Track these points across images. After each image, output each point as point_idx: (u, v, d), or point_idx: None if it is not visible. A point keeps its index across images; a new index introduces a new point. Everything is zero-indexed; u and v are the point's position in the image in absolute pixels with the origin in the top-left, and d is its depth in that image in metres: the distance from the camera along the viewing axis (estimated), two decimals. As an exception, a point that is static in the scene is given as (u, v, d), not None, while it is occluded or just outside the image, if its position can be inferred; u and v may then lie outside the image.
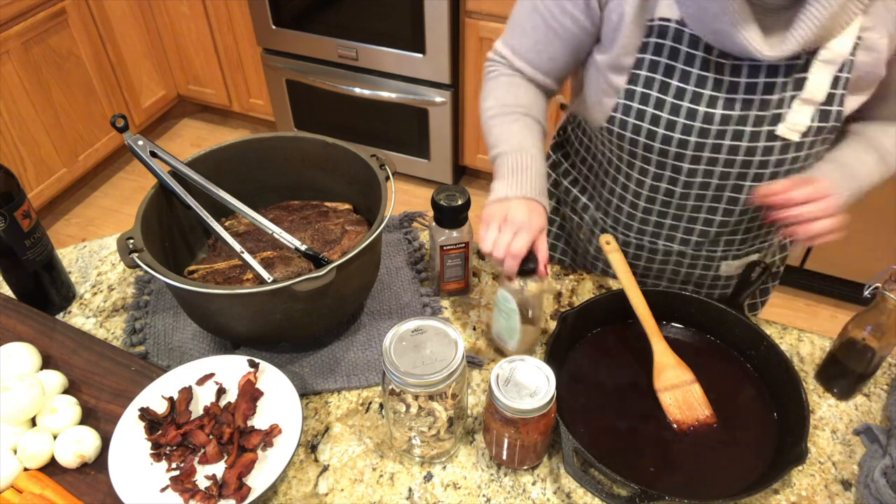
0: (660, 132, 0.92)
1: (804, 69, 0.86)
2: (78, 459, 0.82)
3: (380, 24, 2.41)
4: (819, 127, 0.89)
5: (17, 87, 2.36)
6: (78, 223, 2.78)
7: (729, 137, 0.90)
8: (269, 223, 1.00)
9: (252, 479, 0.80)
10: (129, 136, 0.98)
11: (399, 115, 2.63)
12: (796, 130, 0.89)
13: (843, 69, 0.85)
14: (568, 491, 0.83)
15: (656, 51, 0.89)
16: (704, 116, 0.90)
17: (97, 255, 1.15)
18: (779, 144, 0.90)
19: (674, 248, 1.06)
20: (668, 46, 0.88)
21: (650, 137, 0.93)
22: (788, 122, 0.88)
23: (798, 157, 0.92)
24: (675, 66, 0.89)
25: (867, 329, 0.87)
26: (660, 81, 0.90)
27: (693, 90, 0.89)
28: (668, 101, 0.90)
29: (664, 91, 0.90)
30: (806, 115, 0.88)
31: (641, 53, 0.90)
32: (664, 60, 0.89)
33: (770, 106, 0.88)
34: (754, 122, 0.89)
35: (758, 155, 0.91)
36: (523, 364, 0.80)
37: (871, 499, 0.79)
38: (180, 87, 3.07)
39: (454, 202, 0.96)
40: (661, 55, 0.89)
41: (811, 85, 0.86)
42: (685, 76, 0.89)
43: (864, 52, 0.85)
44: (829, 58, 0.85)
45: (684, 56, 0.88)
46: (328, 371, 0.95)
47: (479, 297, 1.07)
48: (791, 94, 0.87)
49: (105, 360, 0.95)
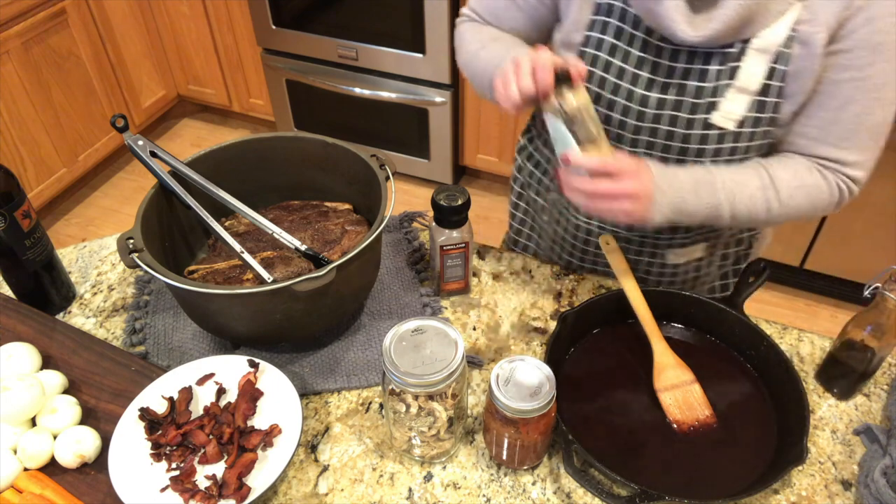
0: (601, 111, 0.94)
1: (738, 58, 0.86)
2: (78, 459, 0.82)
3: (380, 24, 2.41)
4: (756, 118, 0.89)
5: (17, 87, 2.36)
6: (78, 223, 2.78)
7: (665, 122, 0.91)
8: (269, 223, 1.00)
9: (252, 479, 0.80)
10: (129, 136, 0.98)
11: (399, 115, 2.63)
12: (731, 119, 0.88)
13: (779, 61, 0.85)
14: (568, 491, 0.83)
15: (602, 29, 0.91)
16: (641, 99, 0.91)
17: (97, 255, 1.15)
18: (714, 133, 0.90)
19: (620, 234, 1.08)
20: (613, 25, 0.90)
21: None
22: (723, 111, 0.88)
23: (736, 149, 0.91)
24: (619, 46, 0.90)
25: (867, 329, 0.87)
26: (604, 60, 0.92)
27: (633, 72, 0.90)
28: (610, 81, 0.92)
29: (607, 70, 0.92)
30: (740, 105, 0.88)
31: (589, 31, 0.92)
32: (609, 39, 0.91)
33: (705, 93, 0.89)
34: (689, 109, 0.90)
35: (693, 142, 0.91)
36: (523, 364, 0.80)
37: (871, 499, 0.79)
38: (180, 87, 3.07)
39: (454, 202, 0.96)
40: (607, 34, 0.91)
41: (744, 74, 0.86)
42: (626, 57, 0.90)
43: (798, 46, 0.84)
44: (762, 47, 0.85)
45: (627, 36, 0.90)
46: (328, 371, 0.95)
47: (479, 296, 1.07)
48: (725, 82, 0.87)
49: (105, 360, 0.95)
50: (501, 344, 1.00)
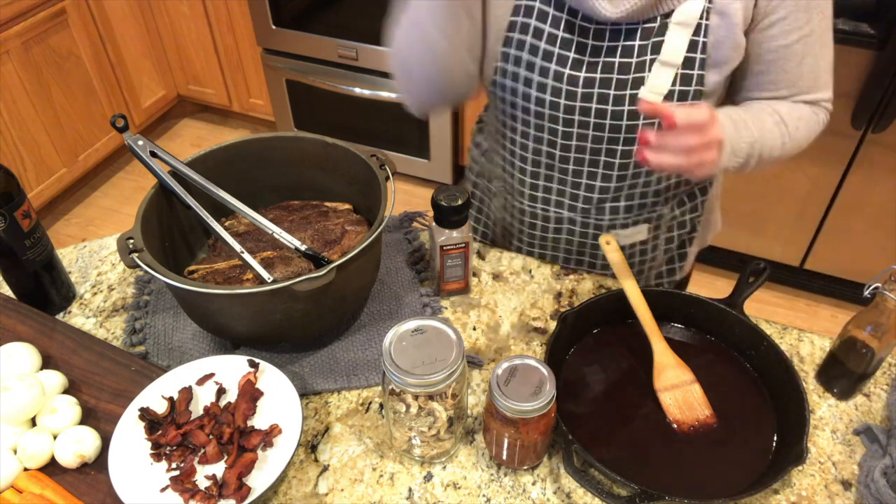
0: (533, 94, 0.96)
1: (661, 33, 0.89)
2: (78, 459, 0.82)
3: (380, 24, 2.40)
4: (682, 91, 0.92)
5: (17, 87, 2.36)
6: (78, 223, 2.78)
7: (595, 101, 0.93)
8: (269, 223, 1.00)
9: (252, 479, 0.80)
10: (129, 136, 0.98)
11: (399, 115, 2.63)
12: (658, 93, 0.91)
13: (699, 33, 0.88)
14: (568, 491, 0.83)
15: (527, 13, 0.92)
16: (569, 79, 0.93)
17: (97, 255, 1.15)
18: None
19: (563, 216, 1.09)
20: (536, 8, 0.91)
21: (526, 99, 0.97)
22: (650, 86, 0.91)
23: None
24: (544, 29, 0.92)
25: (867, 329, 0.87)
26: (530, 44, 0.93)
27: (559, 52, 0.92)
28: (538, 63, 0.93)
29: (534, 53, 0.93)
30: (666, 79, 0.90)
31: (514, 16, 0.93)
32: (534, 23, 0.92)
33: (630, 69, 0.91)
34: (617, 86, 0.92)
35: (624, 119, 0.94)
36: (523, 364, 0.80)
37: (871, 499, 0.79)
38: (180, 87, 3.07)
39: (454, 202, 0.96)
40: (531, 17, 0.92)
41: (668, 47, 0.89)
42: (552, 39, 0.92)
43: (716, 17, 0.88)
44: (682, 20, 0.88)
45: (552, 18, 0.91)
46: (328, 371, 0.95)
47: (479, 296, 1.07)
48: (650, 57, 0.90)
49: (105, 360, 0.95)
50: (501, 344, 1.00)
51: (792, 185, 2.14)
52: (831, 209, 2.14)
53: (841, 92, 1.89)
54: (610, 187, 1.03)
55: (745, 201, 2.23)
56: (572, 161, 1.01)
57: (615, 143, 0.97)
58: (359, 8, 2.40)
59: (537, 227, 1.14)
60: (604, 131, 0.96)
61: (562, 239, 1.14)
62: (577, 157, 1.01)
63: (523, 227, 1.15)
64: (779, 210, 2.21)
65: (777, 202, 2.20)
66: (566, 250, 1.15)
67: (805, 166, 2.08)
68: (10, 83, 2.34)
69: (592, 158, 1.00)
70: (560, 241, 1.14)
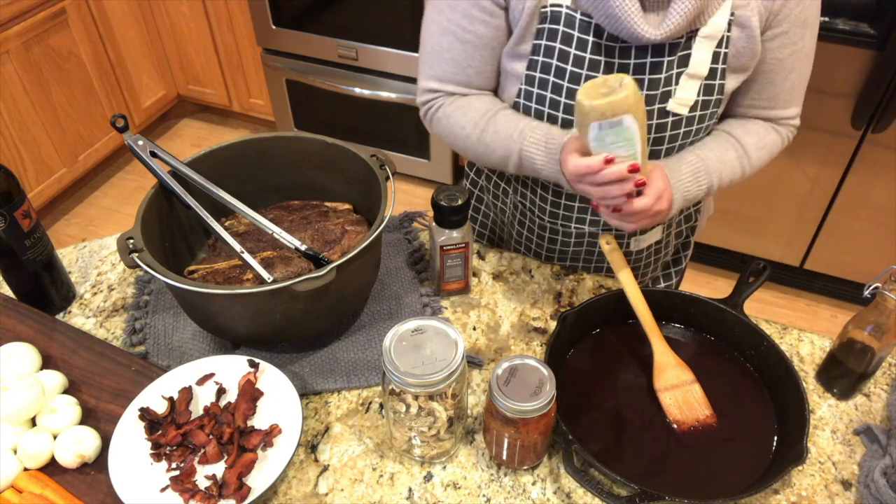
0: (559, 116, 0.96)
1: (687, 46, 0.90)
2: (78, 459, 0.82)
3: (380, 24, 2.41)
4: (704, 101, 0.95)
5: (17, 87, 2.36)
6: (78, 223, 2.78)
7: None
8: (269, 223, 1.00)
9: (252, 479, 0.80)
10: (129, 136, 0.98)
11: (399, 115, 2.64)
12: (685, 105, 0.94)
13: (722, 45, 0.90)
14: (568, 491, 0.83)
15: (550, 36, 0.92)
16: None
17: (97, 255, 1.15)
18: (670, 120, 0.95)
19: (584, 230, 1.10)
20: (560, 31, 0.91)
21: (551, 121, 0.97)
22: (677, 98, 0.93)
23: (689, 132, 0.97)
24: (569, 52, 0.92)
25: (867, 329, 0.87)
26: (555, 67, 0.93)
27: (586, 74, 0.92)
28: (565, 86, 0.93)
29: (560, 76, 0.93)
30: (692, 90, 0.93)
31: (537, 40, 0.93)
32: (558, 46, 0.92)
33: (659, 84, 0.92)
34: (645, 101, 0.92)
35: (651, 132, 0.95)
36: (523, 364, 0.80)
37: (871, 499, 0.79)
38: (180, 87, 3.07)
39: (454, 202, 0.96)
40: (555, 40, 0.92)
41: (695, 60, 0.91)
42: (578, 61, 0.92)
43: (737, 29, 0.90)
44: (709, 33, 0.90)
45: (576, 41, 0.91)
46: (328, 371, 0.95)
47: (479, 296, 1.07)
48: (677, 71, 0.92)
49: (105, 360, 0.95)
50: (501, 344, 1.00)
51: (792, 185, 2.14)
52: (831, 209, 2.14)
53: (841, 92, 1.90)
54: None
55: (745, 202, 2.23)
56: None
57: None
58: (359, 8, 2.40)
59: (557, 241, 1.14)
60: None
61: (582, 251, 1.14)
62: None
63: (542, 241, 1.15)
64: (779, 210, 2.21)
65: (777, 202, 2.20)
66: (586, 260, 1.16)
67: (805, 166, 2.08)
68: (10, 83, 2.34)
69: None
70: (580, 254, 1.15)
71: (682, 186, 0.94)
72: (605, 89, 0.78)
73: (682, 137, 0.97)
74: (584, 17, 0.89)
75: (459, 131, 1.00)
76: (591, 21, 0.89)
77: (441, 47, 0.97)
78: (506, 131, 0.96)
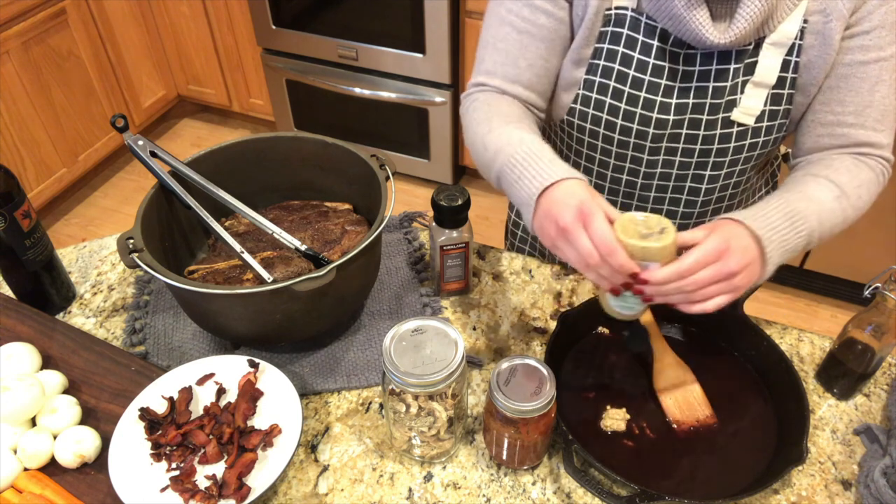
0: (618, 123, 0.93)
1: (754, 53, 0.87)
2: (78, 459, 0.82)
3: (380, 24, 2.41)
4: (772, 111, 0.90)
5: (17, 87, 2.36)
6: (78, 223, 2.78)
7: (686, 126, 0.91)
8: (269, 223, 1.00)
9: (252, 479, 0.80)
10: (129, 136, 0.98)
11: (399, 115, 2.64)
12: (750, 114, 0.90)
13: (792, 52, 0.87)
14: (568, 491, 0.83)
15: (613, 40, 0.90)
16: (660, 106, 0.91)
17: (97, 255, 1.15)
18: (735, 130, 0.91)
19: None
20: (624, 35, 0.89)
21: (609, 128, 0.94)
22: (742, 107, 0.90)
23: (756, 144, 0.93)
24: (632, 56, 0.90)
25: (867, 329, 0.87)
26: (617, 71, 0.91)
27: (649, 80, 0.90)
28: (626, 92, 0.91)
29: (621, 81, 0.91)
30: (759, 99, 0.89)
31: (599, 43, 0.91)
32: (621, 49, 0.90)
33: (724, 92, 0.89)
34: (709, 110, 0.90)
35: (715, 143, 0.92)
36: (523, 364, 0.80)
37: (871, 499, 0.79)
38: (180, 87, 3.07)
39: (454, 202, 0.96)
40: (619, 44, 0.90)
41: (762, 68, 0.88)
42: (641, 66, 0.89)
43: (810, 36, 0.86)
44: (777, 40, 0.86)
45: (640, 45, 0.89)
46: (328, 371, 0.95)
47: (479, 296, 1.07)
48: (743, 78, 0.89)
49: (105, 360, 0.95)
50: (501, 344, 1.00)
51: (792, 185, 2.14)
52: (831, 209, 2.14)
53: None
54: (693, 213, 1.02)
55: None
56: (654, 189, 0.99)
57: (703, 167, 0.95)
58: (359, 8, 2.40)
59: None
60: (692, 157, 0.93)
61: None
62: (661, 184, 0.98)
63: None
64: (779, 210, 2.21)
65: (777, 202, 2.19)
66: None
67: (805, 166, 2.08)
68: (10, 83, 2.34)
69: (677, 185, 0.98)
70: None
71: (778, 236, 0.77)
72: (645, 229, 0.71)
73: (747, 150, 0.93)
74: (650, 21, 0.87)
75: (475, 126, 0.91)
76: (656, 25, 0.87)
77: (496, 38, 0.93)
78: (508, 138, 0.85)
